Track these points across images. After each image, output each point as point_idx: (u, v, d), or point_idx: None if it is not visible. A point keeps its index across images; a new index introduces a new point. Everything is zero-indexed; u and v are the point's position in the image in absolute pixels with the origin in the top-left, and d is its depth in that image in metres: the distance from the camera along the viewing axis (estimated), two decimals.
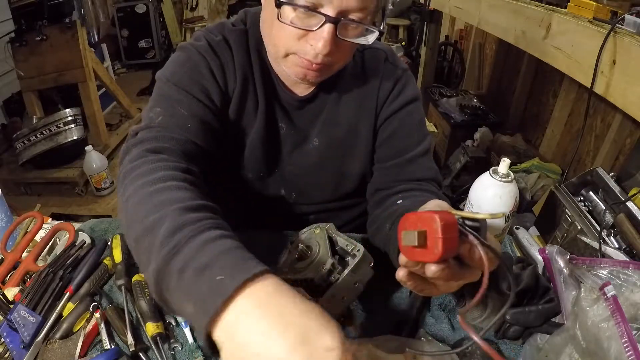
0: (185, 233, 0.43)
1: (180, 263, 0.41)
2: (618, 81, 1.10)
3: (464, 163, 2.41)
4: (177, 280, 0.40)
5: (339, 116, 0.82)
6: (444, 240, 0.42)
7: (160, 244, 0.43)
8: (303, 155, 0.84)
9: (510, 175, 0.61)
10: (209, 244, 0.42)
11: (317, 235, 0.71)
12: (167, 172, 0.54)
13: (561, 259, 0.73)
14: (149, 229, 0.45)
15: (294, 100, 0.80)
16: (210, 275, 0.38)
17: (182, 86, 0.70)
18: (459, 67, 3.60)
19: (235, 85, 0.76)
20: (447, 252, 0.43)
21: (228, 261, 0.40)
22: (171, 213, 0.45)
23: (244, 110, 0.78)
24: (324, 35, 0.60)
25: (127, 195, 0.51)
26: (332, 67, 0.70)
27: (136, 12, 4.56)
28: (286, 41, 0.65)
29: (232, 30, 0.77)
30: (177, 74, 0.72)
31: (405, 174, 0.80)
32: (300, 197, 0.88)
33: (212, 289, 0.37)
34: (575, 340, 0.57)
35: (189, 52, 0.74)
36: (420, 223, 0.44)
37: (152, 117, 0.67)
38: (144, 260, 0.45)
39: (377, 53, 0.82)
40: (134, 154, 0.59)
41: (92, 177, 2.56)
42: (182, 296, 0.40)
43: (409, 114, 0.82)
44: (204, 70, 0.72)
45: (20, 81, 2.77)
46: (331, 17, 0.59)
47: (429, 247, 0.44)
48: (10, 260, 0.83)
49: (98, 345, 0.67)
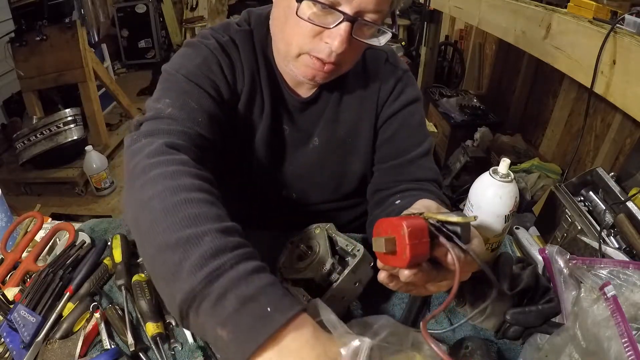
0: (226, 259, 0.42)
1: (222, 289, 0.40)
2: (618, 81, 1.10)
3: (464, 163, 2.41)
4: (214, 305, 0.40)
5: (340, 115, 0.82)
6: (412, 246, 0.43)
7: (197, 263, 0.41)
8: (304, 155, 0.84)
9: (510, 175, 0.61)
10: (252, 275, 0.41)
11: (317, 235, 0.71)
12: (191, 179, 0.52)
13: (561, 259, 0.73)
14: (182, 243, 0.43)
15: (297, 102, 0.80)
16: (254, 307, 0.39)
17: (192, 78, 0.68)
18: (459, 67, 3.60)
19: (243, 85, 0.75)
20: (415, 258, 0.44)
21: (272, 296, 0.40)
22: (210, 233, 0.44)
23: (252, 111, 0.78)
24: (341, 33, 0.61)
25: (150, 195, 0.48)
26: (340, 69, 0.70)
27: (136, 12, 4.56)
28: (300, 39, 0.65)
29: (238, 31, 0.76)
30: (187, 66, 0.70)
31: (405, 174, 0.81)
32: (301, 198, 0.88)
33: (258, 320, 0.38)
34: (575, 340, 0.57)
35: (198, 48, 0.73)
36: (391, 229, 0.45)
37: (160, 108, 0.64)
38: (165, 273, 0.44)
39: (378, 54, 0.82)
40: (152, 149, 0.55)
41: (92, 177, 2.57)
42: (217, 321, 0.40)
43: (409, 115, 0.82)
44: (214, 66, 0.71)
45: (20, 81, 2.77)
46: (349, 16, 0.60)
47: (398, 253, 0.44)
48: (10, 260, 0.83)
49: (98, 345, 0.67)
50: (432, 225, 0.46)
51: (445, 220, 0.46)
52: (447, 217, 0.46)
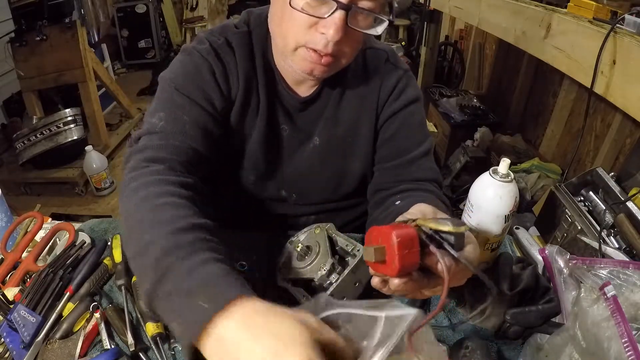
0: (173, 259, 0.46)
1: (169, 287, 0.45)
2: (618, 81, 1.10)
3: (464, 163, 2.41)
4: (165, 303, 0.45)
5: (340, 115, 0.82)
6: (401, 256, 0.43)
7: (151, 266, 0.46)
8: (304, 155, 0.84)
9: (510, 175, 0.61)
10: (195, 269, 0.45)
11: (317, 235, 0.71)
12: (165, 187, 0.57)
13: (561, 259, 0.73)
14: (142, 251, 0.49)
15: (296, 101, 0.80)
16: (193, 301, 0.42)
17: (184, 91, 0.71)
18: (459, 67, 3.60)
19: (237, 89, 0.76)
20: (405, 268, 0.44)
21: (209, 289, 0.43)
22: (164, 236, 0.49)
23: (247, 113, 0.78)
24: (336, 22, 0.61)
25: (126, 210, 0.55)
26: (339, 62, 0.70)
27: (136, 12, 4.56)
28: (296, 31, 0.65)
29: (235, 33, 0.77)
30: (180, 77, 0.72)
31: (405, 174, 0.80)
32: (301, 198, 0.88)
33: (196, 314, 0.41)
34: (575, 340, 0.57)
35: (192, 55, 0.74)
36: (381, 238, 0.45)
37: (154, 123, 0.68)
38: (139, 278, 0.51)
39: (378, 53, 0.82)
40: (132, 164, 0.62)
41: (92, 177, 2.57)
42: (170, 317, 0.44)
43: (410, 115, 0.82)
44: (206, 75, 0.73)
45: (20, 81, 2.77)
46: (342, 4, 0.60)
47: (387, 262, 0.44)
48: (10, 260, 0.83)
49: (98, 345, 0.67)
50: (423, 233, 0.46)
51: (437, 229, 0.46)
52: (439, 225, 0.45)
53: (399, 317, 0.40)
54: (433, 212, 0.56)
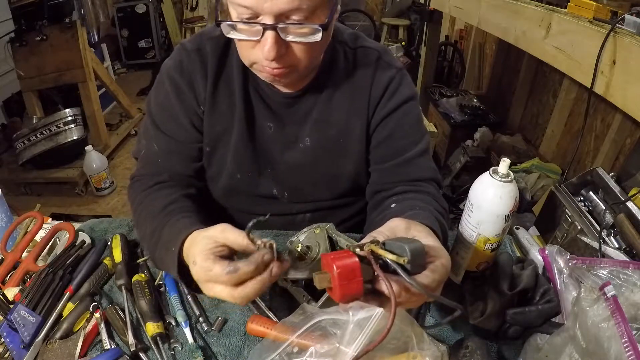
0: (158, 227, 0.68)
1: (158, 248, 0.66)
2: (618, 81, 1.10)
3: (464, 163, 2.41)
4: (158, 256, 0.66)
5: (331, 116, 0.81)
6: (341, 286, 0.45)
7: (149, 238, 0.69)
8: (294, 155, 0.83)
9: (510, 175, 0.61)
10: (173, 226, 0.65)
11: (317, 235, 0.71)
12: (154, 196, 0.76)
13: (561, 259, 0.73)
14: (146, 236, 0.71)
15: (281, 97, 0.79)
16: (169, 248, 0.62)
17: (157, 122, 0.81)
18: (459, 67, 3.61)
19: (205, 94, 0.79)
20: (346, 297, 0.46)
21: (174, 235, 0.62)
22: (150, 217, 0.71)
23: (219, 111, 0.80)
24: (268, 42, 0.61)
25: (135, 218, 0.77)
26: (296, 69, 0.68)
27: (136, 12, 4.56)
28: (244, 52, 0.68)
29: (210, 39, 0.79)
30: (154, 105, 0.82)
31: (403, 174, 0.80)
32: (294, 196, 0.88)
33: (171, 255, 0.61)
34: (575, 340, 0.57)
35: (162, 76, 0.81)
36: (327, 267, 0.48)
37: (139, 149, 0.84)
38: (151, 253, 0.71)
39: (369, 52, 0.81)
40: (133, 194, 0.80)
41: (92, 177, 2.57)
42: (162, 265, 0.66)
43: (405, 114, 0.81)
44: (173, 99, 0.79)
45: (20, 81, 2.78)
46: (267, 25, 0.60)
47: (332, 289, 0.47)
48: (10, 260, 0.83)
49: (98, 345, 0.67)
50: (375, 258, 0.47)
51: (383, 257, 0.46)
52: (386, 254, 0.46)
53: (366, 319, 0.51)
54: (405, 228, 0.55)
